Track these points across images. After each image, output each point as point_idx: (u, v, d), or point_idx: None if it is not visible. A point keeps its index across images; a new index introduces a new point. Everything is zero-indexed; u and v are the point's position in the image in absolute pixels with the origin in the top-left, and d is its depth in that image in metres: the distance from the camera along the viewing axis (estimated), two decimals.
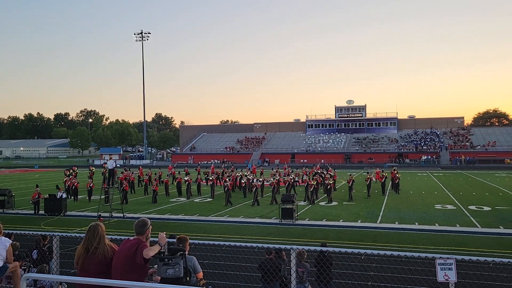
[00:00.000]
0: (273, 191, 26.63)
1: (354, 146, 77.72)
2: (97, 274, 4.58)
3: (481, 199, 26.82)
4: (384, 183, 30.25)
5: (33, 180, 44.89)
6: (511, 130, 76.66)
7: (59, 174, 56.84)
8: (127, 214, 21.99)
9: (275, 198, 26.00)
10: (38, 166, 77.19)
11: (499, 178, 42.61)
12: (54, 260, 6.29)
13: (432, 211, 22.69)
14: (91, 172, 36.90)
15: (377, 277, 11.11)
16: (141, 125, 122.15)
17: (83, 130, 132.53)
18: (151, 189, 28.42)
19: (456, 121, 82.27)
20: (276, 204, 24.99)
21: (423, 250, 14.04)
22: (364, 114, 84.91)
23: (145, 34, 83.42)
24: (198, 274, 5.91)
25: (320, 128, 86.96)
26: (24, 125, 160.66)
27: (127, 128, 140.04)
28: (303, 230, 18.21)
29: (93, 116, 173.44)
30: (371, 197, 27.93)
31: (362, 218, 20.74)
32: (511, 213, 21.68)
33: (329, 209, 23.71)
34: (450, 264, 4.95)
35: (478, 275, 10.41)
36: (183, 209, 24.46)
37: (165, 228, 17.65)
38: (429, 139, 75.82)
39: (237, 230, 18.31)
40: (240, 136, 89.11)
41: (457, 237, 16.59)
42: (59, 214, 22.55)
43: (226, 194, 25.89)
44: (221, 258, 11.81)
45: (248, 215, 22.05)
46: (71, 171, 36.64)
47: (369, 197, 27.85)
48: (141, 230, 4.89)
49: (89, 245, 4.72)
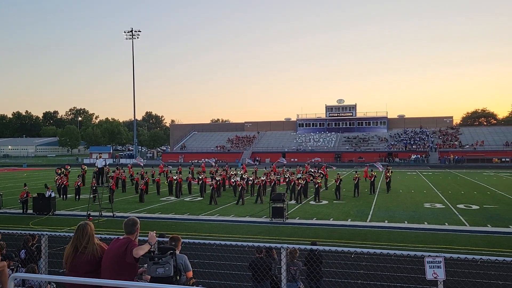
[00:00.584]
0: (259, 190, 26.60)
1: (344, 145, 78.08)
2: (86, 273, 4.55)
3: (470, 198, 27.10)
4: (373, 182, 30.41)
5: (21, 179, 44.37)
6: (499, 130, 77.59)
7: (47, 173, 56.36)
8: (116, 213, 21.85)
9: (261, 197, 26.08)
10: (26, 165, 76.39)
11: (487, 177, 43.11)
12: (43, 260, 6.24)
13: (421, 209, 22.87)
14: (83, 170, 36.62)
15: (367, 275, 11.18)
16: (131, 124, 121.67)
17: (73, 129, 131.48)
18: (139, 188, 28.22)
19: (445, 121, 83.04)
20: (261, 203, 25.09)
21: (412, 248, 14.15)
22: (354, 113, 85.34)
23: (135, 32, 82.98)
24: (188, 273, 5.88)
25: (311, 127, 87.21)
26: (12, 124, 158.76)
27: (117, 126, 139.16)
28: (294, 229, 18.24)
29: (82, 115, 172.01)
30: (361, 196, 28.08)
31: (352, 217, 20.84)
32: (498, 211, 21.94)
33: (320, 208, 23.78)
34: (439, 262, 5.00)
35: (467, 273, 10.53)
36: (173, 208, 24.36)
37: (155, 227, 17.57)
38: (419, 138, 76.45)
39: (228, 229, 18.29)
40: (231, 135, 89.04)
41: (446, 235, 16.75)
42: (48, 213, 22.32)
43: (211, 193, 25.81)
44: (212, 257, 11.78)
45: (238, 214, 22.04)
46: (62, 169, 36.31)
47: (358, 196, 27.97)
48: (131, 229, 4.87)
49: (78, 245, 4.68)
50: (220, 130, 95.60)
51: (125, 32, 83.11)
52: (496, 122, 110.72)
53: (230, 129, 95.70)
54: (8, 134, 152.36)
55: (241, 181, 27.43)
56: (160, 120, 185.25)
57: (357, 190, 28.60)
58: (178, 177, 30.04)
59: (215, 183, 26.80)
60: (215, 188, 26.35)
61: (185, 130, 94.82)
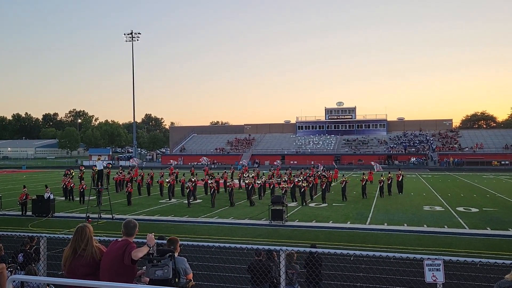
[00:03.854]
0: (248, 192, 26.56)
1: (344, 147, 78.06)
2: (85, 276, 4.54)
3: (469, 201, 27.10)
4: (382, 186, 29.77)
5: (20, 181, 44.35)
6: (499, 133, 77.59)
7: (47, 175, 56.33)
8: (116, 215, 21.83)
9: (251, 199, 26.16)
10: (25, 166, 76.30)
11: (487, 180, 43.11)
12: (42, 262, 6.22)
13: (420, 212, 22.87)
14: (81, 172, 36.57)
15: (366, 278, 11.17)
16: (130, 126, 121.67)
17: (72, 131, 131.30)
18: (125, 191, 27.83)
19: (444, 123, 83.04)
20: (251, 205, 25.14)
21: (411, 251, 14.13)
22: (354, 116, 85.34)
23: (135, 35, 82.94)
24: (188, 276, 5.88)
25: (310, 130, 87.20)
26: (12, 125, 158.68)
27: (117, 129, 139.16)
28: (293, 232, 18.24)
29: (82, 117, 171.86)
30: (363, 198, 28.08)
31: (351, 220, 20.83)
32: (498, 214, 21.93)
33: (319, 211, 23.77)
34: (438, 265, 5.00)
35: (466, 275, 10.51)
36: (172, 210, 24.35)
37: (155, 229, 17.55)
38: (418, 141, 76.46)
39: (227, 232, 18.28)
40: (230, 137, 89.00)
41: (445, 238, 16.75)
42: (47, 215, 22.31)
43: (213, 196, 25.93)
44: (211, 259, 11.78)
45: (238, 216, 22.03)
46: (71, 171, 36.22)
47: (365, 198, 28.18)
48: (130, 231, 4.87)
49: (76, 247, 4.67)
50: (220, 133, 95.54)
51: (125, 34, 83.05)
52: (496, 125, 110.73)
53: (229, 131, 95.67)
54: (7, 136, 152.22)
55: (232, 183, 27.70)
56: (159, 122, 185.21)
57: (365, 192, 28.79)
58: (171, 179, 30.21)
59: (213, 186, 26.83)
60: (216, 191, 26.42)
61: (184, 132, 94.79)
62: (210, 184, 27.21)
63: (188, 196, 26.05)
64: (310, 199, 27.44)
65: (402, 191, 30.96)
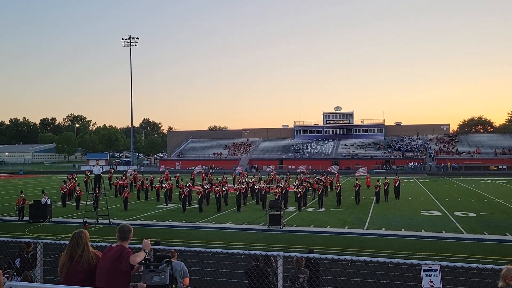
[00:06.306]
0: (238, 197, 26.46)
1: (341, 152, 78.14)
2: (82, 282, 4.54)
3: (467, 206, 27.13)
4: (378, 192, 29.47)
5: (18, 186, 44.19)
6: (496, 137, 77.84)
7: (44, 180, 56.16)
8: (113, 220, 21.77)
9: (239, 204, 26.12)
10: (23, 171, 76.05)
11: (484, 185, 43.19)
12: (38, 268, 6.20)
13: (418, 217, 22.88)
14: (86, 177, 36.38)
15: (363, 283, 11.16)
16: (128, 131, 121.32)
17: (70, 136, 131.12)
18: (122, 196, 27.96)
19: (442, 128, 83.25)
20: (239, 211, 25.25)
21: (409, 256, 14.14)
22: (351, 121, 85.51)
23: (133, 40, 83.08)
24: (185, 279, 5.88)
25: (308, 134, 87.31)
26: (9, 130, 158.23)
27: (114, 133, 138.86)
28: (291, 236, 18.22)
29: (79, 121, 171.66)
30: (361, 203, 28.07)
31: (349, 224, 20.82)
32: (495, 219, 21.96)
33: (317, 215, 23.76)
34: (435, 270, 5.00)
35: (463, 281, 10.51)
36: (170, 215, 24.30)
37: (152, 234, 17.54)
38: (416, 145, 76.62)
39: (225, 237, 18.25)
40: (228, 142, 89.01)
41: (443, 243, 16.75)
42: (44, 220, 22.22)
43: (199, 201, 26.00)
44: (208, 264, 11.74)
45: (235, 221, 22.00)
46: (74, 175, 36.12)
47: (358, 204, 27.99)
48: (125, 236, 4.87)
49: (73, 253, 4.67)
50: (218, 137, 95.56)
51: (123, 39, 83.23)
52: (493, 130, 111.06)
53: (227, 136, 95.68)
54: (5, 141, 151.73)
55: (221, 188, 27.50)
56: (157, 127, 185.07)
57: (358, 197, 28.74)
58: (167, 184, 30.19)
59: (203, 190, 26.83)
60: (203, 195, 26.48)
61: (182, 137, 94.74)
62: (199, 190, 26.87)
63: (183, 202, 25.98)
64: (304, 206, 27.22)
65: (399, 196, 31.00)
